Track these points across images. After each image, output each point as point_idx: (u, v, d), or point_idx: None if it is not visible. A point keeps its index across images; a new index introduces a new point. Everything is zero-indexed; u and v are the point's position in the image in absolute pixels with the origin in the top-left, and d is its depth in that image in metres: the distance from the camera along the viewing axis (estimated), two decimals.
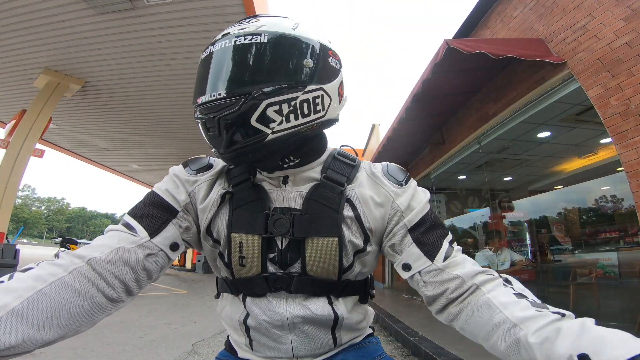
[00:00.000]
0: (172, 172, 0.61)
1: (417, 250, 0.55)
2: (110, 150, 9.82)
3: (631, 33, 2.38)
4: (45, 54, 5.18)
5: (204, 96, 0.50)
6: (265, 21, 0.53)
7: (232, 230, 0.55)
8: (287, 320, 0.55)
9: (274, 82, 0.49)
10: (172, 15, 4.45)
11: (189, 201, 0.57)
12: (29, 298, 0.37)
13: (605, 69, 2.45)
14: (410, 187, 0.60)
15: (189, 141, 8.76)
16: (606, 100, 2.38)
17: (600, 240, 3.91)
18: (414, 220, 0.57)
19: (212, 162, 0.63)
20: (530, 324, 0.39)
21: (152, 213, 0.54)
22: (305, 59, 0.52)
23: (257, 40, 0.50)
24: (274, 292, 0.56)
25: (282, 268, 0.56)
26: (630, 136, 2.18)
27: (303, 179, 0.59)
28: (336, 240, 0.54)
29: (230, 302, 0.61)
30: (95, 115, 7.39)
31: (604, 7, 2.61)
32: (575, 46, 2.80)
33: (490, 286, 0.49)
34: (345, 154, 0.64)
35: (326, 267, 0.55)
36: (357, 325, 0.62)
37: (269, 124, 0.50)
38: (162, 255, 0.53)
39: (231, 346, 0.64)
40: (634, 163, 2.14)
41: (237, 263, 0.55)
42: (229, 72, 0.50)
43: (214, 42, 0.53)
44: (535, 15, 3.36)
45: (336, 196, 0.57)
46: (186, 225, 0.57)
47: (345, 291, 0.59)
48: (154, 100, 6.69)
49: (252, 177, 0.59)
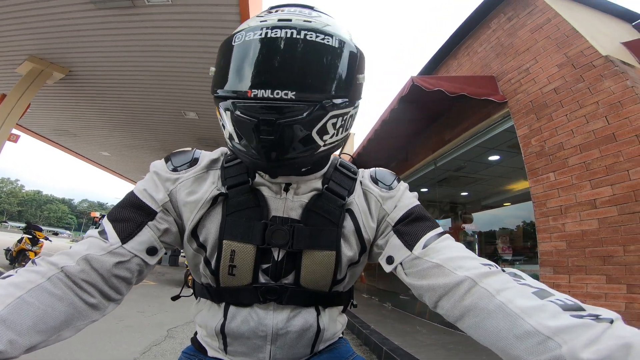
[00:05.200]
0: (152, 168, 0.56)
1: (398, 241, 0.53)
2: (82, 136, 9.52)
3: (560, 80, 2.80)
4: (34, 42, 5.16)
5: (260, 90, 0.43)
6: (327, 19, 0.49)
7: (224, 237, 0.52)
8: (271, 331, 0.54)
9: (340, 93, 0.46)
10: (168, 16, 4.54)
11: (168, 200, 0.53)
12: (10, 305, 0.37)
13: (533, 111, 2.92)
14: (399, 191, 0.59)
15: (168, 134, 8.69)
16: (528, 140, 2.86)
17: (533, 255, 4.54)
18: (397, 216, 0.56)
19: (198, 156, 0.58)
20: (571, 337, 0.32)
21: (127, 216, 0.51)
22: (361, 74, 0.50)
23: (328, 42, 0.45)
24: (263, 302, 0.53)
25: (274, 279, 0.53)
26: (540, 173, 2.67)
27: (304, 189, 0.56)
28: (334, 254, 0.53)
29: (208, 308, 0.58)
30: (73, 102, 7.27)
31: (547, 52, 3.02)
32: (517, 87, 3.25)
33: (496, 283, 0.41)
34: (346, 165, 0.62)
35: (320, 280, 0.54)
36: (335, 335, 0.63)
37: (324, 137, 0.47)
38: (136, 261, 0.49)
39: (200, 344, 0.61)
40: (540, 195, 2.64)
41: (225, 272, 0.52)
42: (300, 70, 0.45)
43: (269, 26, 0.45)
44: (494, 53, 3.82)
45: (337, 209, 0.55)
46: (165, 228, 0.53)
47: (333, 302, 0.59)
48: (137, 93, 6.67)
49: (251, 180, 0.55)
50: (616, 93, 2.33)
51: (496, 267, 0.44)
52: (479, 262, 0.45)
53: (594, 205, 2.25)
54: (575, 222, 2.34)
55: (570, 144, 2.50)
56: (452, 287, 0.44)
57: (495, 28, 3.89)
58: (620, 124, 2.22)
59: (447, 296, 0.45)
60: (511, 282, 0.41)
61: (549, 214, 2.53)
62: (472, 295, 0.42)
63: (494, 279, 0.42)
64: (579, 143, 2.43)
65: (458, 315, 0.43)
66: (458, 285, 0.43)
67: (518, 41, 3.46)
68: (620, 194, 2.11)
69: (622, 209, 2.09)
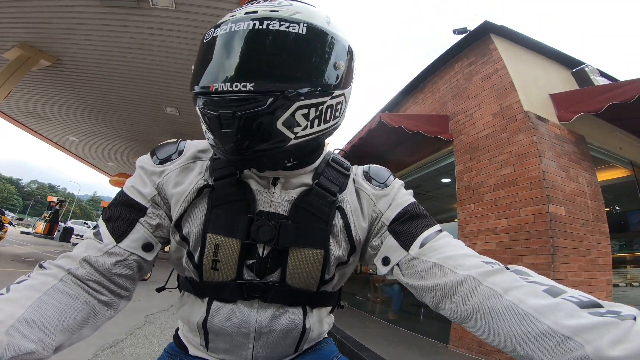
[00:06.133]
0: (138, 164, 0.55)
1: (394, 242, 0.52)
2: (53, 120, 9.21)
3: (491, 128, 3.37)
4: (27, 30, 5.13)
5: (220, 84, 0.42)
6: (298, 7, 0.47)
7: (208, 231, 0.50)
8: (255, 329, 0.52)
9: (308, 82, 0.44)
10: (170, 20, 4.61)
11: (156, 194, 0.53)
12: (31, 306, 0.38)
13: (469, 152, 3.60)
14: (393, 188, 0.58)
15: (144, 126, 8.62)
16: (462, 176, 3.59)
17: None
18: (392, 215, 0.54)
19: (183, 147, 0.57)
20: (594, 336, 0.30)
21: (119, 214, 0.51)
22: (338, 61, 0.48)
23: (294, 29, 0.43)
24: (247, 299, 0.52)
25: (259, 276, 0.52)
26: (465, 203, 3.42)
27: (294, 184, 0.55)
28: (321, 253, 0.52)
29: (191, 303, 0.57)
30: (53, 88, 7.15)
31: (488, 101, 3.51)
32: (462, 128, 3.85)
33: (502, 282, 0.39)
34: (339, 160, 0.60)
35: (307, 279, 0.52)
36: (320, 336, 0.61)
37: (294, 128, 0.45)
38: (134, 259, 0.49)
39: (181, 342, 0.60)
40: (463, 220, 3.39)
41: (209, 266, 0.51)
42: (260, 61, 0.43)
43: (235, 19, 0.44)
44: (451, 94, 4.27)
45: (327, 206, 0.53)
46: (157, 223, 0.52)
47: (321, 302, 0.57)
48: (120, 85, 6.67)
49: (239, 173, 0.53)
50: (524, 146, 2.97)
51: (499, 264, 0.43)
52: (481, 260, 0.44)
53: (495, 231, 3.02)
54: (482, 243, 3.10)
55: (487, 183, 3.24)
56: (454, 287, 0.42)
57: (458, 71, 4.30)
58: (522, 172, 2.93)
59: (448, 297, 0.43)
60: (518, 281, 0.39)
61: (467, 235, 3.29)
62: (476, 296, 0.40)
63: (499, 278, 0.40)
64: (493, 183, 3.18)
65: (463, 316, 0.41)
66: (460, 284, 0.42)
67: (471, 86, 3.92)
68: (512, 225, 2.87)
69: (512, 236, 2.86)
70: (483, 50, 3.87)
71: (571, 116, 3.16)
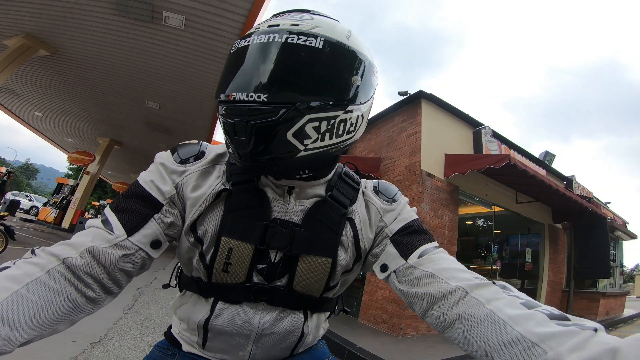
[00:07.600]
0: (158, 159, 0.56)
1: (394, 250, 0.55)
2: (25, 97, 8.93)
3: (401, 176, 4.57)
4: (36, 22, 5.27)
5: (238, 93, 0.45)
6: (320, 21, 0.49)
7: (224, 234, 0.52)
8: (257, 331, 0.54)
9: (321, 95, 0.46)
10: (176, 37, 4.98)
11: (174, 193, 0.53)
12: (6, 300, 0.36)
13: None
14: (400, 204, 0.61)
15: (117, 112, 8.70)
16: None
17: None
18: (396, 227, 0.58)
19: (205, 149, 0.58)
20: (557, 343, 0.33)
21: (133, 207, 0.50)
22: (355, 75, 0.49)
23: (311, 43, 0.46)
24: (254, 302, 0.54)
25: (267, 280, 0.54)
26: None
27: (308, 194, 0.57)
28: (330, 261, 0.54)
29: (194, 303, 0.58)
30: (42, 72, 7.20)
31: (405, 155, 4.59)
32: (387, 171, 4.89)
33: (487, 294, 0.43)
34: (351, 175, 0.63)
35: (313, 285, 0.55)
36: (315, 340, 0.65)
37: (304, 140, 0.47)
38: (140, 255, 0.49)
39: (174, 339, 0.61)
40: None
41: (220, 268, 0.53)
42: (274, 73, 0.46)
43: (258, 32, 0.47)
44: (387, 141, 5.20)
45: (338, 217, 0.56)
46: (170, 221, 0.53)
47: (322, 308, 0.60)
48: (110, 77, 6.87)
49: (257, 180, 0.55)
50: (415, 193, 4.26)
51: (486, 280, 0.46)
52: (471, 275, 0.47)
53: None
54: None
55: None
56: (444, 295, 0.45)
57: (395, 123, 5.18)
58: None
59: (437, 305, 0.46)
60: (501, 294, 0.42)
61: None
62: (463, 305, 0.43)
63: (485, 290, 0.43)
64: None
65: (447, 323, 0.44)
66: (450, 294, 0.45)
67: (399, 139, 4.90)
68: None
69: None
70: (413, 112, 4.82)
71: (451, 173, 4.63)
